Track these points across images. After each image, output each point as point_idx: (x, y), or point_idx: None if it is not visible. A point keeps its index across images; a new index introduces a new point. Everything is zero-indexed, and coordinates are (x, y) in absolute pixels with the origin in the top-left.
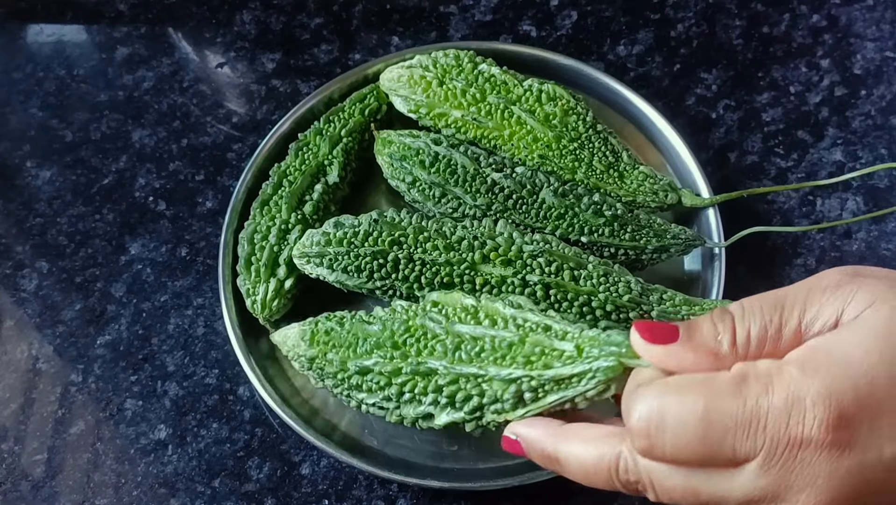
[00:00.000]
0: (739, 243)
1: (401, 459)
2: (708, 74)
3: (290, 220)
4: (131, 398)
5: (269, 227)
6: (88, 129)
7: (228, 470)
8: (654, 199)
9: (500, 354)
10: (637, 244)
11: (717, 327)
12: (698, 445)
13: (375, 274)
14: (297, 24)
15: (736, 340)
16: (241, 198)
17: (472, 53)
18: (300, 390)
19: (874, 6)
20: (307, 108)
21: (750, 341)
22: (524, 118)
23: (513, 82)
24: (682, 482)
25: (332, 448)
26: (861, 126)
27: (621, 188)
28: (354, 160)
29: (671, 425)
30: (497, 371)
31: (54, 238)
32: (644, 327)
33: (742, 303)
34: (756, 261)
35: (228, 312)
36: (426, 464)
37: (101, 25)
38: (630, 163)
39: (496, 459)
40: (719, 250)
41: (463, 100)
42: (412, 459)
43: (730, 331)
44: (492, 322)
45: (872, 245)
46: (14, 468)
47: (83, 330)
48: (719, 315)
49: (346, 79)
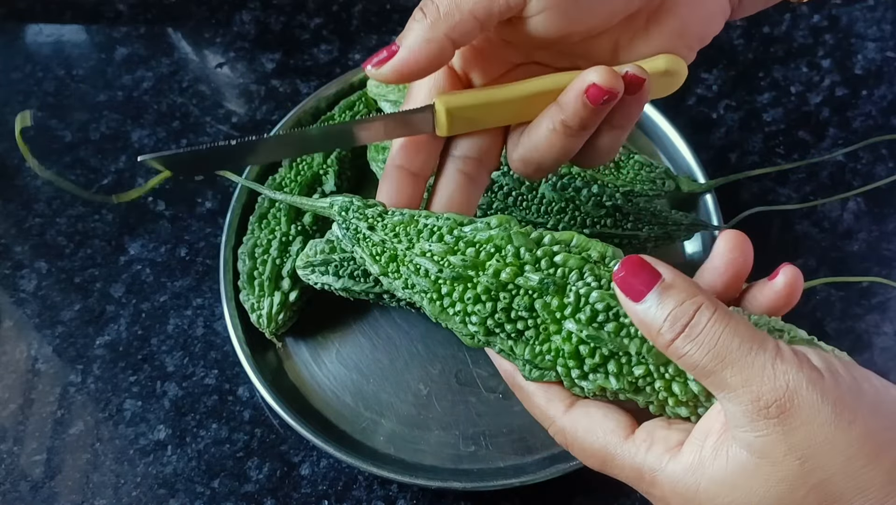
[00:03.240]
0: None
1: (417, 463)
2: (708, 74)
3: (290, 233)
4: (130, 399)
5: (270, 240)
6: (88, 129)
7: (228, 470)
8: (652, 186)
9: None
10: (640, 232)
11: (666, 325)
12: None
13: None
14: (297, 24)
15: (671, 344)
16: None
17: None
18: (300, 390)
19: (875, 6)
20: (306, 108)
21: (675, 355)
22: None
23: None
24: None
25: (332, 448)
26: (862, 126)
27: (619, 178)
28: (349, 168)
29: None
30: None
31: (53, 238)
32: (624, 271)
33: (707, 329)
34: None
35: (232, 319)
36: (445, 466)
37: (100, 25)
38: (625, 152)
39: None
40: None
41: None
42: (428, 461)
43: (672, 337)
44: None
45: (873, 245)
46: (13, 469)
47: (82, 330)
48: (677, 317)
49: (330, 87)
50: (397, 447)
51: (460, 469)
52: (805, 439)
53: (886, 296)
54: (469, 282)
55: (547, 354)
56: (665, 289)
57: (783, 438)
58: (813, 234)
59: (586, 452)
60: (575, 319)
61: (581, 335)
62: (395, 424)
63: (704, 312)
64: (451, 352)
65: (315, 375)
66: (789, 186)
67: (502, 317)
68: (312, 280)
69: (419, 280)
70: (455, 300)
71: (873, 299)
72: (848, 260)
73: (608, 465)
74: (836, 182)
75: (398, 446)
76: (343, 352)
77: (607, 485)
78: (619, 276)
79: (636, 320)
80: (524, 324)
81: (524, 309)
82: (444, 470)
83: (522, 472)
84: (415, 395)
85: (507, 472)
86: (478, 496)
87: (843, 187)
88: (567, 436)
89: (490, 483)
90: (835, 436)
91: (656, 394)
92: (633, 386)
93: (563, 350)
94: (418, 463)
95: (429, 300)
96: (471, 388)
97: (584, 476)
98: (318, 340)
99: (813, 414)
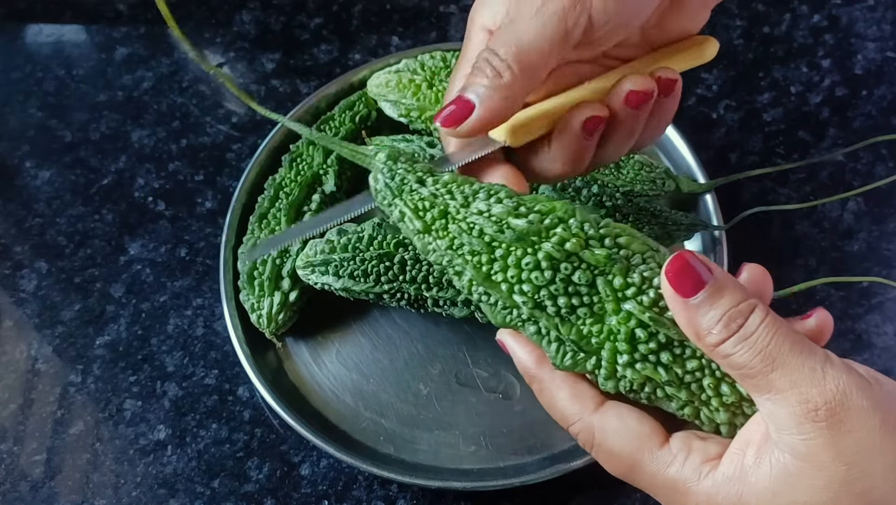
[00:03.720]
0: (740, 244)
1: (417, 463)
2: (708, 74)
3: None
4: (130, 399)
5: None
6: (88, 129)
7: (228, 470)
8: (652, 186)
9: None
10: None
11: (718, 327)
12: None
13: (382, 277)
14: (297, 24)
15: (717, 347)
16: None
17: (458, 54)
18: (300, 390)
19: (875, 6)
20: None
21: (722, 358)
22: None
23: None
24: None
25: (332, 448)
26: (862, 126)
27: (618, 178)
28: (348, 168)
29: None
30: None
31: (53, 238)
32: (674, 268)
33: (759, 331)
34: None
35: (232, 319)
36: (445, 466)
37: (100, 25)
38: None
39: (514, 458)
40: (720, 234)
41: None
42: (428, 461)
43: (720, 339)
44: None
45: (873, 245)
46: (13, 469)
47: (82, 330)
48: (731, 318)
49: (330, 87)
50: (397, 447)
51: (460, 469)
52: (853, 445)
53: (886, 296)
54: (531, 247)
55: (597, 335)
56: (718, 289)
57: (831, 443)
58: (813, 234)
59: (613, 456)
60: (637, 301)
61: (643, 317)
62: (395, 424)
63: (758, 314)
64: (451, 352)
65: (315, 375)
66: (789, 186)
67: (559, 288)
68: (312, 280)
69: (471, 240)
70: (509, 265)
71: (873, 299)
72: (848, 260)
73: (635, 471)
74: (836, 182)
75: (398, 446)
76: (343, 352)
77: (607, 485)
78: (671, 270)
79: (683, 317)
80: (579, 300)
81: (584, 284)
82: (444, 470)
83: (522, 472)
84: (415, 395)
85: (507, 472)
86: (478, 496)
87: (843, 187)
88: (595, 435)
89: (490, 483)
90: (882, 443)
91: (701, 393)
92: (679, 381)
93: (617, 332)
94: (418, 463)
95: (475, 264)
96: (471, 388)
97: (584, 476)
98: (318, 340)
99: (862, 420)
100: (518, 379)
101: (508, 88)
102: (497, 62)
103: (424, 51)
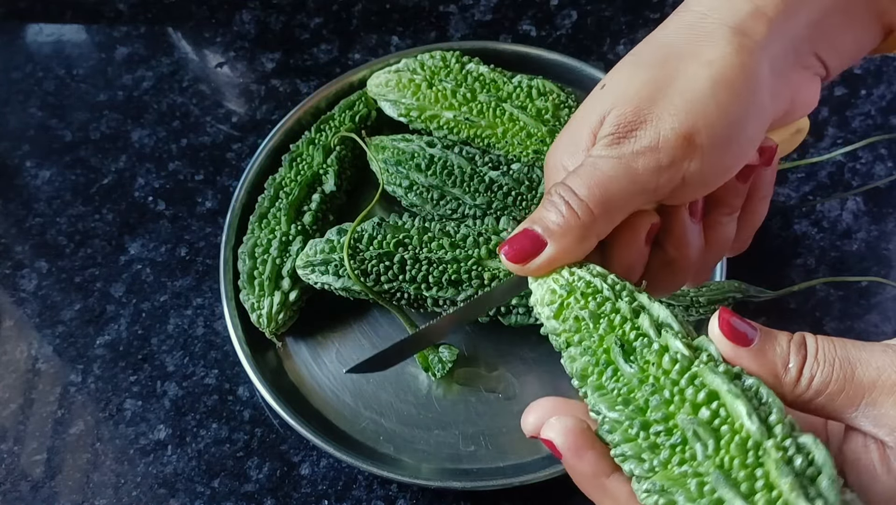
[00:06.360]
0: None
1: (417, 462)
2: None
3: (290, 232)
4: (131, 398)
5: (270, 240)
6: (88, 128)
7: (228, 470)
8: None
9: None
10: None
11: (791, 357)
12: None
13: (382, 277)
14: (297, 23)
15: (800, 378)
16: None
17: (458, 54)
18: (300, 390)
19: None
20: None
21: (809, 388)
22: (516, 114)
23: (502, 80)
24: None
25: (332, 448)
26: (861, 126)
27: None
28: (348, 168)
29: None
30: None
31: (54, 238)
32: (725, 321)
33: (821, 344)
34: (756, 261)
35: (232, 319)
36: (445, 466)
37: (100, 25)
38: None
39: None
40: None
41: (454, 100)
42: (428, 461)
43: (798, 367)
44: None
45: (872, 244)
46: (14, 468)
47: (82, 330)
48: (798, 344)
49: (330, 87)
50: (397, 447)
51: (460, 469)
52: None
53: (885, 295)
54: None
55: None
56: (766, 331)
57: None
58: (812, 233)
59: None
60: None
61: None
62: (394, 424)
63: (809, 338)
64: None
65: (315, 375)
66: (788, 186)
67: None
68: (312, 280)
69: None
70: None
71: (872, 299)
72: (847, 259)
73: None
74: (835, 182)
75: (398, 446)
76: (343, 352)
77: None
78: (724, 328)
79: (756, 363)
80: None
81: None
82: (444, 470)
83: (522, 472)
84: (415, 395)
85: (507, 472)
86: (478, 496)
87: (842, 187)
88: None
89: (490, 483)
90: None
91: None
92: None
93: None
94: (418, 463)
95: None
96: (471, 388)
97: None
98: (318, 340)
99: None
100: (518, 379)
101: (584, 229)
102: (576, 200)
103: (424, 50)
